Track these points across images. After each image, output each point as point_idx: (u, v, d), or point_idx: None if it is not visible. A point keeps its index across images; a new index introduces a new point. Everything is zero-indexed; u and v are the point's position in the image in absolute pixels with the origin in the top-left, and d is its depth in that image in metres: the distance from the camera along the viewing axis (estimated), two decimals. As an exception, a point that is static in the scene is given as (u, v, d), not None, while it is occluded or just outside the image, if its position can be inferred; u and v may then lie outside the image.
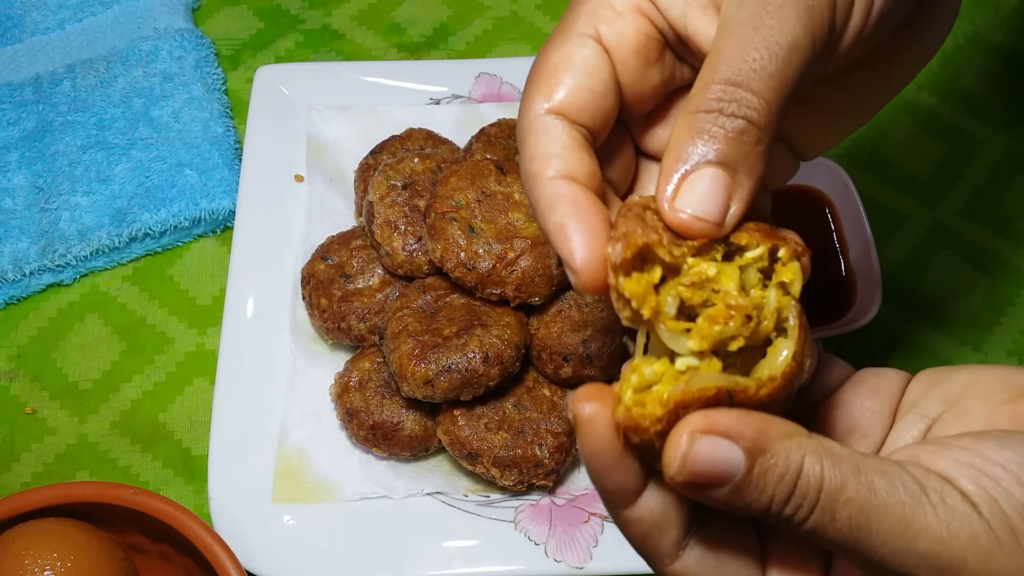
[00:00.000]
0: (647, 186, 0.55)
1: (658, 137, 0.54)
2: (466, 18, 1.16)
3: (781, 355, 0.45)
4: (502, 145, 0.94)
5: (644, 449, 0.44)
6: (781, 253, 0.46)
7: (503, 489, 0.84)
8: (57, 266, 0.96)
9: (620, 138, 0.53)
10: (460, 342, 0.81)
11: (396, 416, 0.84)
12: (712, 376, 0.43)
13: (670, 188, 0.45)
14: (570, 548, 0.81)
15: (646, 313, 0.44)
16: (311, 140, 1.00)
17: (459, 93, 1.03)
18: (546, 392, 0.85)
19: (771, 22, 0.45)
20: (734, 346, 0.44)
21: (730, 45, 0.45)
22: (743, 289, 0.45)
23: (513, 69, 1.04)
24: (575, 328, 0.84)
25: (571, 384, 0.85)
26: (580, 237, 0.46)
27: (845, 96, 0.56)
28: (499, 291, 0.83)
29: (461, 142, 0.98)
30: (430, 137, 0.97)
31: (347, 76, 1.04)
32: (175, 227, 0.98)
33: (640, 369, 0.44)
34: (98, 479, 0.88)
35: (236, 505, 0.83)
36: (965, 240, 1.04)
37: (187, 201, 0.98)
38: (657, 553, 0.47)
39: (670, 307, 0.44)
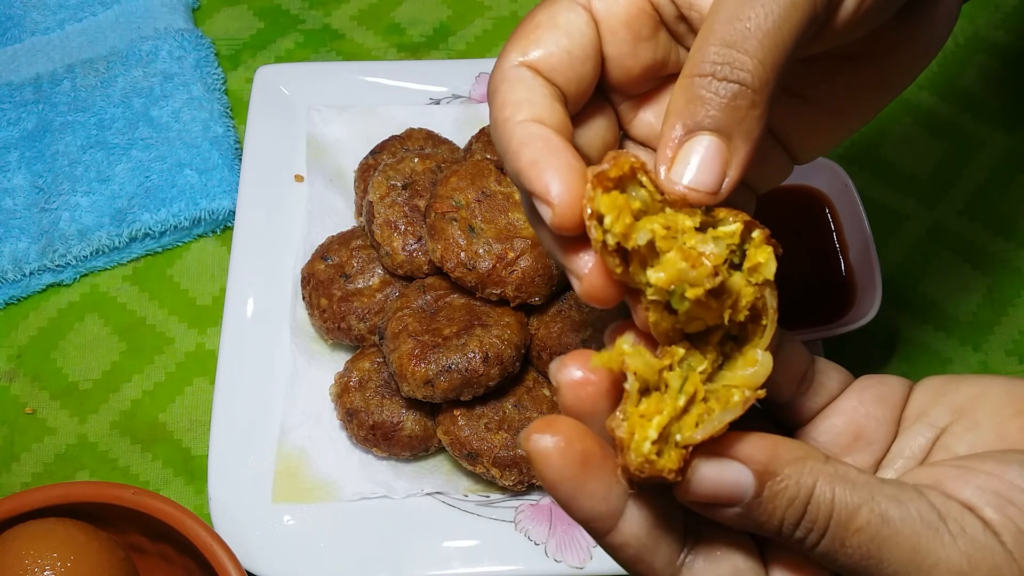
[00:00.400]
0: None
1: (647, 123, 0.52)
2: (466, 18, 1.16)
3: (759, 359, 0.44)
4: (502, 145, 0.94)
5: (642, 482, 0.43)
6: (755, 234, 0.45)
7: (503, 489, 0.84)
8: (57, 266, 0.96)
9: (605, 119, 0.51)
10: (460, 342, 0.81)
11: (396, 416, 0.84)
12: (721, 415, 0.42)
13: (666, 157, 0.44)
14: (570, 548, 0.81)
15: (618, 228, 0.42)
16: (311, 140, 1.00)
17: (459, 93, 1.03)
18: (546, 392, 0.85)
19: None
20: (695, 327, 0.44)
21: (726, 5, 0.44)
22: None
23: (513, 69, 1.04)
24: (575, 328, 0.84)
25: (571, 384, 0.85)
26: (555, 171, 0.44)
27: (843, 94, 0.55)
28: (499, 291, 0.83)
29: (461, 142, 0.98)
30: (430, 137, 0.97)
31: (347, 76, 1.04)
32: (175, 227, 0.98)
33: (647, 420, 0.42)
34: (98, 479, 0.88)
35: (236, 505, 0.83)
36: (965, 240, 1.04)
37: (187, 201, 0.98)
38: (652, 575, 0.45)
39: (641, 237, 0.42)
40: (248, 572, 0.80)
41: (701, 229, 0.44)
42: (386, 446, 0.84)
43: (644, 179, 0.43)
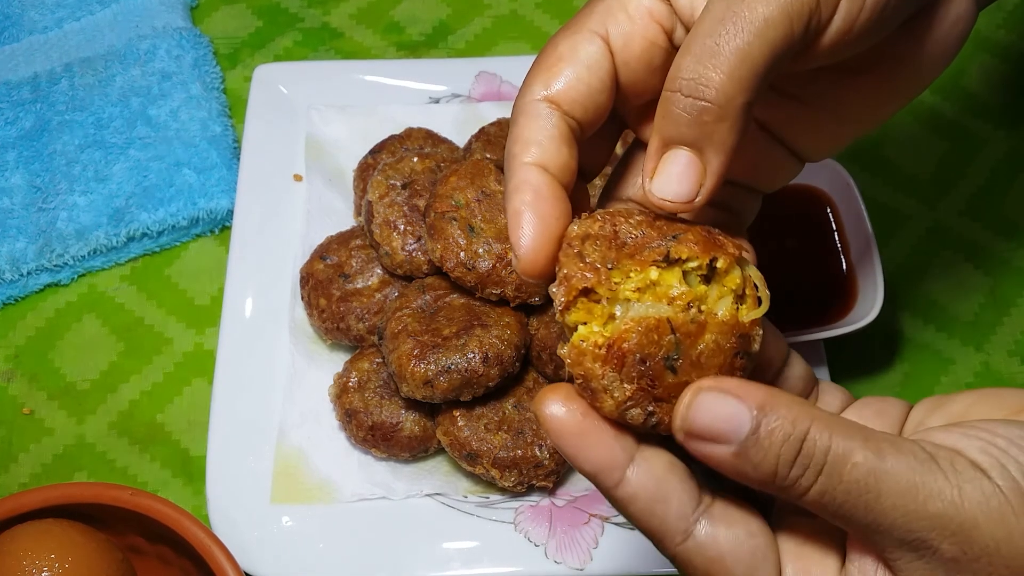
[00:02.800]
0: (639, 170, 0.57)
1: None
2: (466, 17, 1.16)
3: (726, 305, 0.48)
4: (502, 144, 0.93)
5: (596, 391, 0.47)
6: (719, 264, 0.47)
7: (503, 490, 0.84)
8: (55, 266, 0.96)
9: (606, 135, 0.55)
10: (460, 342, 0.80)
11: (395, 417, 0.84)
12: (653, 307, 0.47)
13: (649, 169, 0.49)
14: (570, 549, 0.81)
15: (593, 335, 0.47)
16: (310, 139, 1.00)
17: (459, 92, 1.03)
18: (546, 392, 0.85)
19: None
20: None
21: (704, 23, 0.46)
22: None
23: (513, 68, 1.04)
24: (575, 328, 0.83)
25: (571, 384, 0.85)
26: (530, 227, 0.48)
27: (851, 102, 0.56)
28: (499, 291, 0.83)
29: (461, 141, 0.98)
30: (430, 136, 0.97)
31: (346, 75, 1.04)
32: (173, 227, 0.98)
33: (589, 323, 0.47)
34: (96, 480, 0.88)
35: (234, 506, 0.82)
36: (967, 240, 1.03)
37: (185, 201, 0.98)
38: (666, 531, 0.46)
39: (618, 306, 0.47)
40: (246, 573, 0.79)
41: (667, 261, 0.48)
42: (385, 447, 0.84)
43: (600, 290, 0.47)
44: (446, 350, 0.80)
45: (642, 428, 0.48)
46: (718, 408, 0.43)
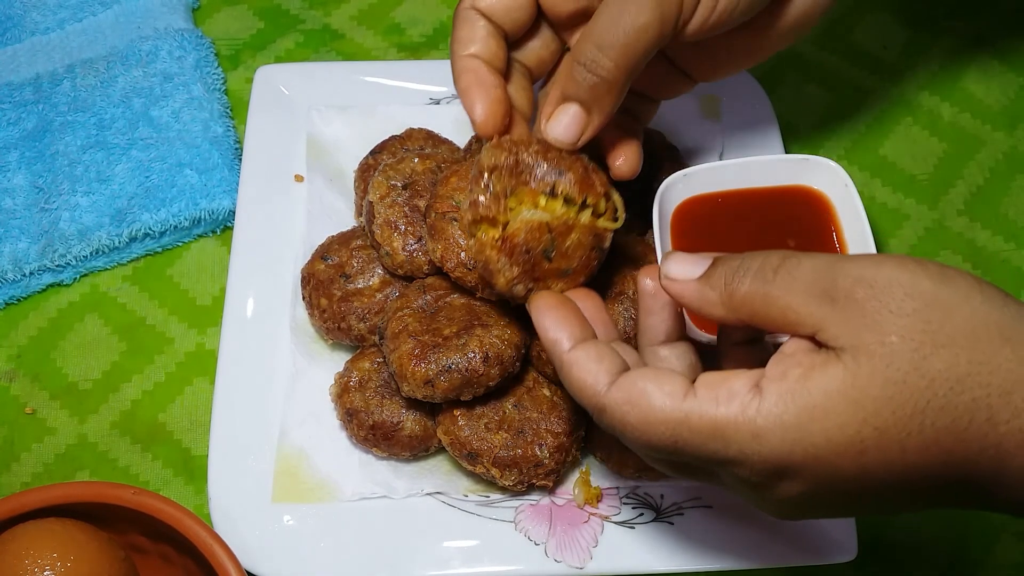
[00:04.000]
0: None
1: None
2: (466, 18, 1.16)
3: (587, 215, 0.70)
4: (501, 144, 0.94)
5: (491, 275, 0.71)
6: (588, 200, 0.70)
7: (503, 489, 0.84)
8: (57, 266, 0.96)
9: (541, 39, 0.75)
10: (460, 342, 0.81)
11: (396, 416, 0.84)
12: (537, 214, 0.69)
13: (547, 113, 0.70)
14: (570, 548, 0.81)
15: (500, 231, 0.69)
16: (311, 140, 1.00)
17: (459, 93, 1.03)
18: (546, 392, 0.85)
19: (632, 7, 0.65)
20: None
21: (604, 15, 0.66)
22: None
23: (513, 69, 1.04)
24: (575, 328, 0.84)
25: (571, 384, 0.85)
26: (479, 99, 0.71)
27: (731, 48, 0.76)
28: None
29: (461, 142, 0.98)
30: (430, 137, 0.97)
31: (347, 76, 1.04)
32: (175, 227, 0.98)
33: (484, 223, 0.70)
34: (98, 479, 0.88)
35: (236, 505, 0.83)
36: (966, 240, 1.04)
37: (187, 201, 0.98)
38: (597, 382, 0.58)
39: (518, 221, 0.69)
40: (248, 572, 0.80)
41: (553, 194, 0.69)
42: (386, 446, 0.84)
43: (500, 216, 0.69)
44: (447, 350, 0.80)
45: (522, 300, 0.71)
46: (685, 260, 0.59)
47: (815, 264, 0.53)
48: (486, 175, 0.68)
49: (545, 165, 0.69)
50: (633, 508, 0.84)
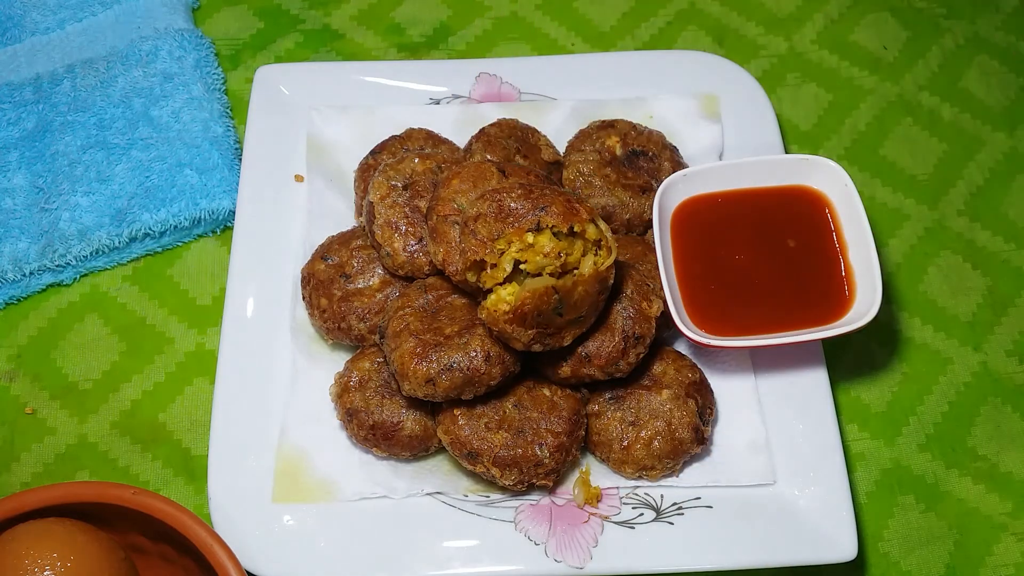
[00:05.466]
0: None
1: None
2: (466, 18, 1.16)
3: (588, 264, 0.75)
4: (502, 145, 0.94)
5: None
6: (576, 228, 0.75)
7: (503, 489, 0.84)
8: (57, 266, 0.96)
9: None
10: (462, 341, 0.81)
11: (396, 416, 0.84)
12: (541, 279, 0.73)
13: None
14: (570, 548, 0.81)
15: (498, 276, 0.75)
16: (311, 140, 1.00)
17: (459, 93, 1.03)
18: (546, 392, 0.85)
19: None
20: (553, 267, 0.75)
21: None
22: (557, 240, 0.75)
23: (513, 69, 1.04)
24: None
25: (570, 384, 0.85)
26: None
27: None
28: (499, 291, 0.83)
29: (461, 142, 0.98)
30: (430, 137, 0.97)
31: (347, 76, 1.04)
32: (175, 227, 0.98)
33: (497, 289, 0.75)
34: (98, 479, 0.88)
35: (236, 505, 0.83)
36: (965, 240, 1.04)
37: (187, 201, 0.98)
38: None
39: (507, 265, 0.74)
40: (248, 572, 0.80)
41: (538, 229, 0.74)
42: (386, 446, 0.84)
43: (489, 258, 0.75)
44: (448, 348, 0.80)
45: (543, 351, 0.79)
46: None
47: None
48: (471, 223, 0.75)
49: (527, 204, 0.76)
50: (633, 508, 0.84)
